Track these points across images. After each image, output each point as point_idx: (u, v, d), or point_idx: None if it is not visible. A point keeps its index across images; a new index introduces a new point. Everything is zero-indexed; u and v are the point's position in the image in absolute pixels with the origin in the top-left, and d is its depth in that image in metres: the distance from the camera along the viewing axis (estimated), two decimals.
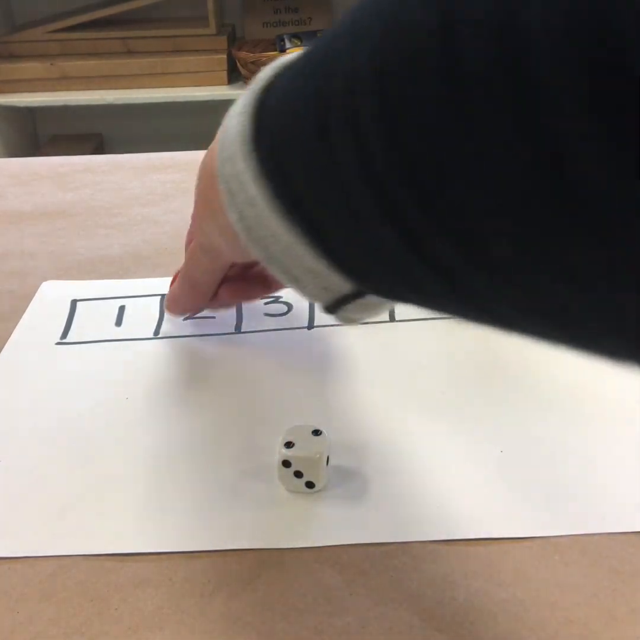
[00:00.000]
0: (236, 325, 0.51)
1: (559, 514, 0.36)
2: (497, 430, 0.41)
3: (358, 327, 0.50)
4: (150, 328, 0.51)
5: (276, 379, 0.46)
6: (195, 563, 0.35)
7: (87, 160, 0.79)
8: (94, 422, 0.43)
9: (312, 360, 0.48)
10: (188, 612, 0.33)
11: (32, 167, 0.77)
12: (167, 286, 0.49)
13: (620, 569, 0.34)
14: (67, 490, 0.39)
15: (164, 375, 0.47)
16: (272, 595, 0.33)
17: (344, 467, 0.39)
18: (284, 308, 0.53)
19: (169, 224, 0.65)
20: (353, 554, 0.35)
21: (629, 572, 0.33)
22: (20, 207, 0.69)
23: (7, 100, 1.93)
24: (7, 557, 0.35)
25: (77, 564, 0.35)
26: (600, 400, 0.43)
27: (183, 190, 0.71)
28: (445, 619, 0.32)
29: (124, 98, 1.92)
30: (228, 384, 0.46)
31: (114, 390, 0.45)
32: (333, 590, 0.33)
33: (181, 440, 0.42)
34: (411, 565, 0.34)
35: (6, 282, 0.57)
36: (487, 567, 0.34)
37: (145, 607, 0.33)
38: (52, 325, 0.52)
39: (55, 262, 0.60)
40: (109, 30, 1.95)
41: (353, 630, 0.32)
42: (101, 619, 0.32)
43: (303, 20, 2.06)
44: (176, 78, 1.93)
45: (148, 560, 0.35)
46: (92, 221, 0.66)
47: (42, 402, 0.45)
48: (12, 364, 0.48)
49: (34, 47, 1.94)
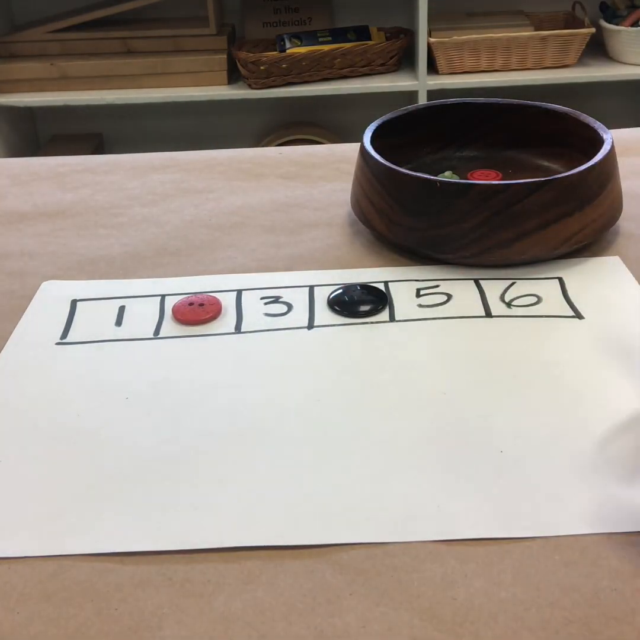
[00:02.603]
0: (236, 325, 0.51)
1: (559, 514, 0.36)
2: (497, 430, 0.41)
3: (358, 327, 0.50)
4: (150, 328, 0.51)
5: (276, 379, 0.46)
6: (195, 563, 0.35)
7: (87, 160, 0.79)
8: (94, 422, 0.43)
9: (312, 360, 0.48)
10: (188, 612, 0.33)
11: (32, 167, 0.77)
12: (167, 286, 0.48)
13: (620, 569, 0.34)
14: (67, 490, 0.39)
15: (164, 375, 0.47)
16: (272, 595, 0.33)
17: (344, 468, 0.39)
18: (284, 308, 0.53)
19: (169, 224, 0.65)
20: (353, 553, 0.35)
21: (629, 572, 0.34)
22: (20, 207, 0.69)
23: (7, 100, 1.93)
24: (7, 557, 0.35)
25: (77, 564, 0.35)
26: (600, 400, 0.43)
27: (183, 190, 0.71)
28: (445, 619, 0.32)
29: (124, 98, 1.92)
30: (228, 384, 0.46)
31: (114, 390, 0.45)
32: (333, 590, 0.33)
33: (181, 440, 0.42)
34: (411, 565, 0.34)
35: (6, 282, 0.57)
36: (487, 567, 0.34)
37: (145, 607, 0.33)
38: (52, 325, 0.52)
39: (55, 262, 0.60)
40: (109, 30, 1.95)
41: (353, 630, 0.32)
42: (101, 619, 0.32)
43: (303, 20, 2.06)
44: (176, 78, 1.93)
45: (148, 561, 0.35)
46: (92, 221, 0.66)
47: (42, 402, 0.45)
48: (12, 364, 0.48)
49: (34, 47, 1.94)
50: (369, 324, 0.51)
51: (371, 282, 0.55)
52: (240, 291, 0.55)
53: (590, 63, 1.97)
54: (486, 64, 1.92)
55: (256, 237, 0.62)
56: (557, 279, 0.55)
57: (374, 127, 0.63)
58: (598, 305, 0.52)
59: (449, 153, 0.69)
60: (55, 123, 2.18)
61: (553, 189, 0.53)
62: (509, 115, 0.67)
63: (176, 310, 0.52)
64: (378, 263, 0.58)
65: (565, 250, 0.56)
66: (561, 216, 0.54)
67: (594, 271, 0.56)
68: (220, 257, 0.60)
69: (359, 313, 0.52)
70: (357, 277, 0.56)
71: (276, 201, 0.68)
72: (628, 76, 1.94)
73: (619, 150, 0.59)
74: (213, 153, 0.79)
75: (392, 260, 0.58)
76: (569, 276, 0.55)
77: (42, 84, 1.92)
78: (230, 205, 0.68)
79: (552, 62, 1.93)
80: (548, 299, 0.52)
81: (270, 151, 0.80)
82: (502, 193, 0.53)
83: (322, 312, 0.52)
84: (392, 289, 0.54)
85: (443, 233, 0.55)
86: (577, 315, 0.51)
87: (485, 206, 0.53)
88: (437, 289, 0.54)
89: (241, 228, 0.64)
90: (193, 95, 1.92)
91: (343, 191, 0.69)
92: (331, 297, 0.53)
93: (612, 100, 2.19)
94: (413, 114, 0.66)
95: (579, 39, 1.90)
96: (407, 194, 0.56)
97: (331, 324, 0.51)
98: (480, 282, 0.54)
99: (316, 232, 0.63)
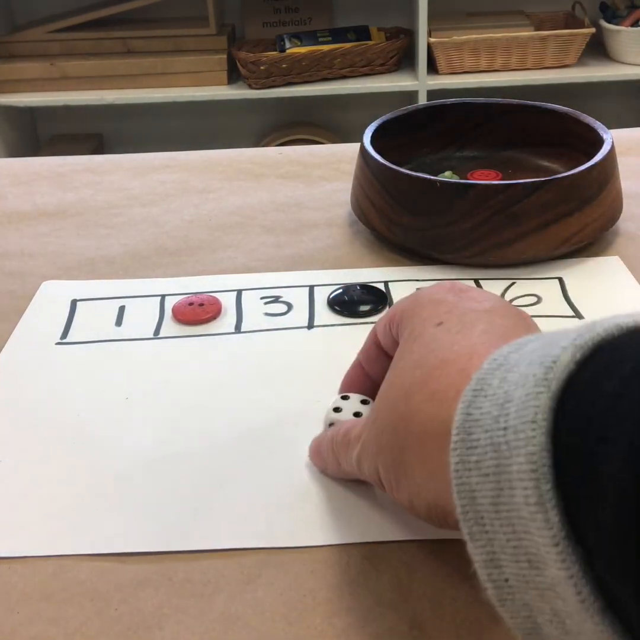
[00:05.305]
0: (236, 325, 0.51)
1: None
2: None
3: (358, 327, 0.50)
4: (150, 328, 0.51)
5: (276, 378, 0.46)
6: (195, 563, 0.35)
7: (87, 160, 0.79)
8: (94, 422, 0.43)
9: (312, 360, 0.48)
10: (188, 612, 0.33)
11: (32, 167, 0.77)
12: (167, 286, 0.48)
13: None
14: (67, 490, 0.39)
15: (164, 375, 0.47)
16: (272, 595, 0.33)
17: None
18: (284, 308, 0.53)
19: (169, 224, 0.65)
20: (353, 553, 0.35)
21: None
22: (20, 207, 0.69)
23: (7, 100, 1.93)
24: (7, 557, 0.35)
25: (77, 564, 0.35)
26: None
27: (183, 190, 0.71)
28: (445, 619, 0.32)
29: (124, 98, 1.92)
30: (228, 384, 0.46)
31: (114, 390, 0.45)
32: (333, 590, 0.33)
33: (181, 440, 0.42)
34: (411, 565, 0.34)
35: (6, 282, 0.57)
36: None
37: (145, 607, 0.33)
38: (52, 325, 0.52)
39: (55, 262, 0.60)
40: (109, 30, 1.95)
41: (353, 630, 0.32)
42: (101, 619, 0.32)
43: (303, 20, 2.06)
44: (176, 78, 1.93)
45: (148, 560, 0.35)
46: (92, 221, 0.66)
47: (42, 402, 0.45)
48: (12, 364, 0.48)
49: (34, 47, 1.94)
50: (369, 324, 0.51)
51: (371, 282, 0.55)
52: (240, 291, 0.55)
53: (590, 63, 1.97)
54: (486, 64, 1.92)
55: (256, 237, 0.62)
56: (557, 279, 0.55)
57: (374, 127, 0.63)
58: (598, 305, 0.52)
59: (449, 153, 0.69)
60: (55, 123, 2.18)
61: (553, 189, 0.53)
62: (509, 115, 0.67)
63: (176, 310, 0.52)
64: (378, 263, 0.58)
65: (565, 250, 0.56)
66: (561, 216, 0.54)
67: (594, 271, 0.56)
68: (220, 257, 0.60)
69: (359, 313, 0.52)
70: (357, 277, 0.56)
71: (276, 201, 0.68)
72: (628, 76, 1.94)
73: (619, 150, 0.59)
74: (213, 153, 0.79)
75: (392, 260, 0.58)
76: (569, 276, 0.55)
77: (42, 84, 1.92)
78: (230, 205, 0.68)
79: (552, 62, 1.93)
80: (548, 299, 0.52)
81: (270, 151, 0.80)
82: (502, 193, 0.53)
83: (322, 312, 0.52)
84: (392, 289, 0.54)
85: (443, 233, 0.55)
86: (577, 315, 0.51)
87: (485, 206, 0.53)
88: None
89: (241, 228, 0.64)
90: (193, 95, 1.92)
91: (343, 191, 0.69)
92: (331, 297, 0.53)
93: (612, 100, 2.19)
94: (413, 114, 0.66)
95: (579, 39, 1.90)
96: (407, 194, 0.56)
97: (331, 324, 0.51)
98: (480, 282, 0.54)
99: (316, 232, 0.63)
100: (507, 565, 0.24)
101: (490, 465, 0.24)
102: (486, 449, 0.24)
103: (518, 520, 0.23)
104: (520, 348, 0.26)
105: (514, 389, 0.24)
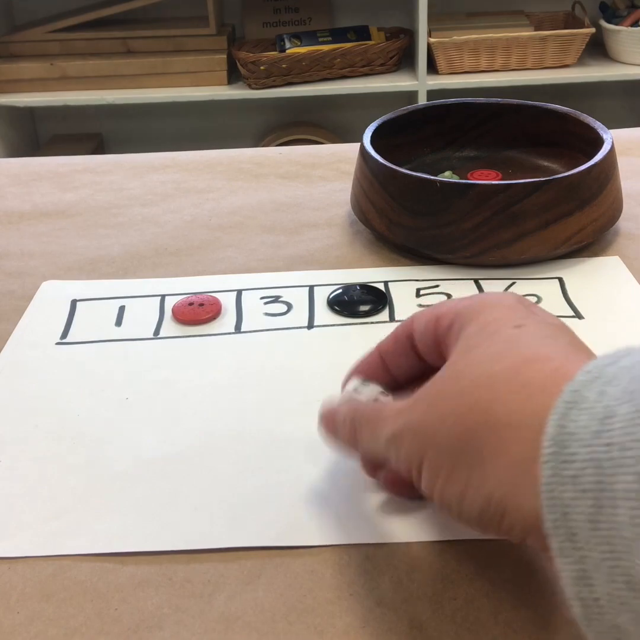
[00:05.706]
0: (236, 325, 0.51)
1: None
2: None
3: (357, 327, 0.50)
4: (150, 328, 0.51)
5: (276, 378, 0.46)
6: (195, 563, 0.35)
7: (87, 160, 0.79)
8: (94, 422, 0.43)
9: (312, 360, 0.48)
10: (188, 612, 0.33)
11: (32, 167, 0.77)
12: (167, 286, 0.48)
13: None
14: (67, 490, 0.39)
15: (164, 375, 0.47)
16: (272, 595, 0.33)
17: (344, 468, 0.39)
18: (284, 308, 0.53)
19: (169, 224, 0.65)
20: (353, 554, 0.35)
21: None
22: (20, 207, 0.69)
23: (7, 100, 1.93)
24: (7, 557, 0.35)
25: (77, 564, 0.35)
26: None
27: (183, 190, 0.71)
28: (446, 619, 0.32)
29: (124, 98, 1.92)
30: (228, 384, 0.46)
31: (114, 390, 0.45)
32: (333, 590, 0.33)
33: (181, 440, 0.42)
34: (411, 565, 0.34)
35: (6, 282, 0.57)
36: (487, 567, 0.34)
37: (145, 607, 0.33)
38: (52, 325, 0.52)
39: (55, 262, 0.60)
40: (109, 30, 1.95)
41: (353, 630, 0.32)
42: (101, 619, 0.32)
43: (303, 20, 2.06)
44: (176, 78, 1.93)
45: (148, 561, 0.35)
46: (92, 221, 0.66)
47: (42, 402, 0.45)
48: (12, 364, 0.48)
49: (34, 47, 1.94)
50: (369, 324, 0.51)
51: (371, 282, 0.55)
52: (240, 291, 0.55)
53: (590, 63, 1.97)
54: (486, 64, 1.92)
55: (256, 237, 0.62)
56: (557, 279, 0.55)
57: (374, 127, 0.63)
58: (598, 305, 0.52)
59: (449, 153, 0.69)
60: (55, 123, 2.18)
61: (553, 189, 0.53)
62: (509, 115, 0.67)
63: (176, 310, 0.52)
64: (378, 263, 0.58)
65: (565, 250, 0.56)
66: (561, 216, 0.54)
67: (594, 271, 0.56)
68: (220, 257, 0.60)
69: (358, 313, 0.52)
70: (357, 277, 0.56)
71: (276, 201, 0.68)
72: (628, 76, 1.94)
73: (619, 150, 0.59)
74: (213, 153, 0.79)
75: (392, 260, 0.58)
76: (569, 276, 0.55)
77: (42, 84, 1.92)
78: (230, 205, 0.68)
79: (552, 62, 1.93)
80: (548, 299, 0.52)
81: (270, 151, 0.80)
82: (502, 193, 0.53)
83: (322, 312, 0.52)
84: (392, 289, 0.54)
85: (443, 233, 0.55)
86: (577, 315, 0.51)
87: (485, 206, 0.53)
88: (437, 289, 0.54)
89: (241, 228, 0.64)
90: (193, 95, 1.92)
91: (343, 191, 0.69)
92: (331, 297, 0.53)
93: (612, 100, 2.19)
94: (413, 114, 0.66)
95: (579, 39, 1.90)
96: (407, 194, 0.56)
97: (331, 324, 0.51)
98: (480, 282, 0.54)
99: (316, 232, 0.63)
100: (599, 585, 0.23)
101: (590, 481, 0.23)
102: (585, 464, 0.23)
103: (620, 540, 0.22)
104: (615, 361, 0.25)
105: (616, 404, 0.24)
